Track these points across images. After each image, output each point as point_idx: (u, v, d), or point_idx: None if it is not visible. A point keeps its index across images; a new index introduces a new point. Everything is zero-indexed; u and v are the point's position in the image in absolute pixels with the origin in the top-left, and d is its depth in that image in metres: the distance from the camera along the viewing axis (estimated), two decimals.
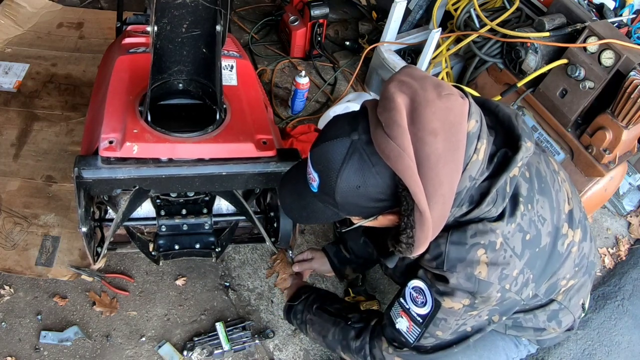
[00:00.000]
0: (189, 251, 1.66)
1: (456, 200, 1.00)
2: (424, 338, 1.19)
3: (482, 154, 1.00)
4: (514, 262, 1.07)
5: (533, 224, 1.09)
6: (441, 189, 0.94)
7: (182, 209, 1.65)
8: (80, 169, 1.35)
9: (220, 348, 1.78)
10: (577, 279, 1.28)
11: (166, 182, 1.42)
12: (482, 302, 1.10)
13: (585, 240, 1.26)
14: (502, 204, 1.05)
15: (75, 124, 2.29)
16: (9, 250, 1.90)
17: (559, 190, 1.17)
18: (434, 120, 0.92)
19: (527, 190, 1.09)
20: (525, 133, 1.07)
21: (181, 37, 1.41)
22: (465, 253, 1.05)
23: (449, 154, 0.93)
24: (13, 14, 2.70)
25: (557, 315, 1.32)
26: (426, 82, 0.97)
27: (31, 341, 1.75)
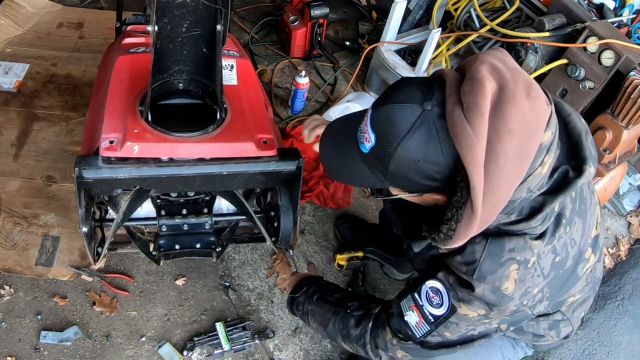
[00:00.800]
0: (190, 251, 1.66)
1: (507, 207, 0.96)
2: (431, 336, 1.17)
3: (546, 168, 0.95)
4: (539, 281, 1.05)
5: (565, 246, 1.07)
6: (499, 192, 0.90)
7: (182, 208, 1.65)
8: (80, 169, 1.35)
9: (220, 348, 1.78)
10: (583, 294, 1.28)
11: (167, 181, 1.42)
12: (497, 314, 1.08)
13: (599, 261, 1.26)
14: (548, 222, 1.03)
15: (75, 124, 2.29)
16: (9, 250, 1.89)
17: (592, 214, 1.15)
18: (515, 120, 0.87)
19: (570, 211, 1.07)
20: (591, 156, 1.02)
21: (181, 37, 1.41)
22: (499, 266, 1.02)
23: (518, 158, 0.89)
24: (13, 14, 2.70)
25: (557, 325, 1.31)
26: (519, 75, 0.91)
27: (31, 341, 1.75)
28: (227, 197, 1.64)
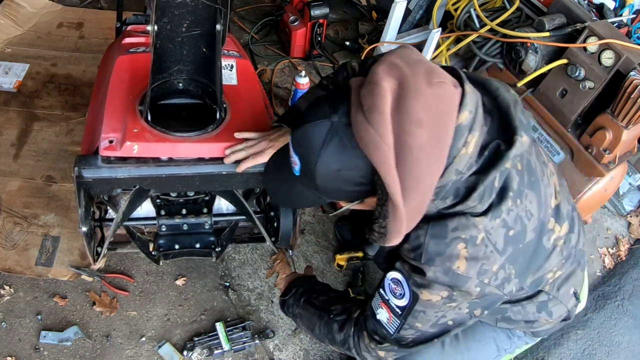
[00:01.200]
0: (189, 251, 1.66)
1: (440, 193, 0.98)
2: (403, 330, 1.17)
3: (471, 148, 0.95)
4: (495, 257, 1.03)
5: (519, 219, 1.05)
6: (420, 183, 0.91)
7: (182, 208, 1.65)
8: (80, 168, 1.36)
9: (220, 348, 1.78)
10: (564, 269, 1.25)
11: (166, 181, 1.42)
12: (460, 295, 1.07)
13: (573, 232, 1.23)
14: (489, 199, 1.01)
15: (75, 124, 2.29)
16: (9, 250, 1.89)
17: (547, 185, 1.13)
18: (420, 110, 0.88)
19: (517, 184, 1.04)
20: (522, 125, 1.01)
21: (181, 37, 1.41)
22: (445, 247, 1.02)
23: (433, 146, 0.89)
24: (13, 14, 2.70)
25: (546, 306, 1.28)
26: (418, 67, 0.92)
27: (31, 341, 1.75)
28: (226, 197, 1.64)
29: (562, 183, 1.24)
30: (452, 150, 0.93)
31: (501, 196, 1.02)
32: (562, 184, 1.25)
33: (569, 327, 2.02)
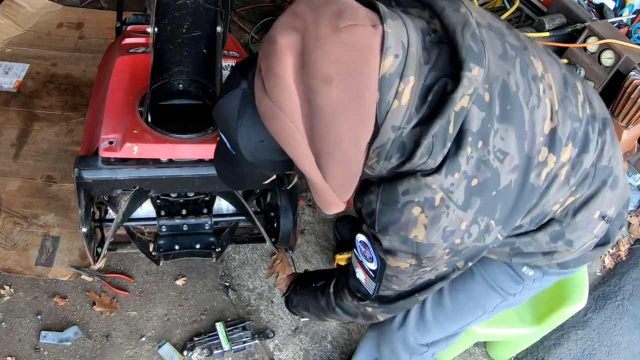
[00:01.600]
0: (189, 251, 1.66)
1: (381, 153, 0.84)
2: (381, 290, 1.07)
3: (406, 98, 0.80)
4: (460, 215, 0.88)
5: (484, 165, 0.87)
6: (341, 146, 0.79)
7: (182, 209, 1.65)
8: (80, 169, 1.36)
9: (220, 348, 1.78)
10: (578, 195, 1.04)
11: (167, 182, 1.42)
12: (430, 261, 0.94)
13: (586, 152, 1.00)
14: (442, 151, 0.84)
15: (75, 124, 2.29)
16: (9, 250, 1.90)
17: (535, 107, 0.92)
18: (327, 64, 0.74)
19: (480, 122, 0.85)
20: (471, 54, 0.81)
21: (181, 38, 1.41)
22: (399, 214, 0.87)
23: (349, 103, 0.76)
24: (13, 14, 2.70)
25: (562, 235, 1.08)
26: (324, 10, 0.77)
27: (31, 341, 1.75)
28: (227, 198, 1.64)
29: (570, 90, 1.00)
30: (382, 104, 0.80)
31: (458, 143, 0.84)
32: (572, 90, 1.00)
33: (569, 327, 2.02)
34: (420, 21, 0.85)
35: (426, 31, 0.84)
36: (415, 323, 1.32)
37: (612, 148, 1.06)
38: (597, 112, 1.05)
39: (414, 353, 1.37)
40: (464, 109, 0.82)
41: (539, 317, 1.69)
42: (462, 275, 1.21)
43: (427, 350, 1.36)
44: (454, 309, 1.28)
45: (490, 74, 0.86)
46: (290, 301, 1.50)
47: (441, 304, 1.29)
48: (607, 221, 1.11)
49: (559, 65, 1.01)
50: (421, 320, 1.31)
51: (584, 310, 1.90)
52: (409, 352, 1.37)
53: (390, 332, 1.36)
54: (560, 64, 1.03)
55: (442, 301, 1.28)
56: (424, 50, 0.83)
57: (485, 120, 0.86)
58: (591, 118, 1.02)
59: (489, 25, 0.91)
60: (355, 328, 1.92)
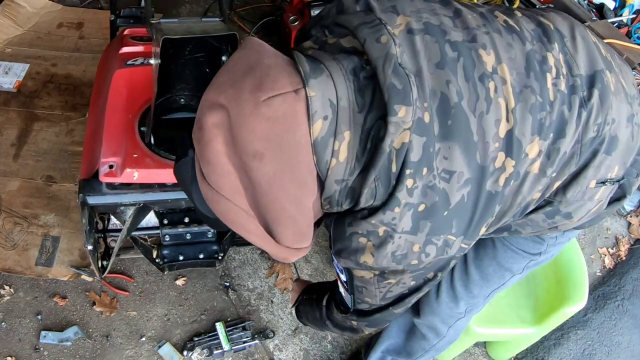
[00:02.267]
0: (194, 262, 1.66)
1: (331, 202, 0.86)
2: (357, 303, 1.07)
3: (344, 154, 0.80)
4: (410, 239, 0.86)
5: (431, 190, 0.83)
6: (285, 212, 0.81)
7: (184, 217, 1.64)
8: (85, 195, 1.34)
9: (220, 348, 1.78)
10: (565, 176, 0.95)
11: (172, 203, 1.42)
12: (392, 275, 0.93)
13: (563, 137, 0.90)
14: (387, 190, 0.82)
15: (75, 124, 2.29)
16: (9, 250, 1.89)
17: (484, 113, 0.84)
18: (254, 141, 0.75)
19: (421, 149, 0.80)
20: (394, 94, 0.77)
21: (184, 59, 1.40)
22: (348, 242, 0.88)
23: (283, 173, 0.77)
24: (13, 14, 2.70)
25: (557, 211, 1.01)
26: (243, 84, 0.77)
27: (31, 341, 1.75)
28: None
29: (532, 81, 0.88)
30: (320, 164, 0.79)
31: (397, 179, 0.82)
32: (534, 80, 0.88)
33: (569, 327, 2.02)
34: (351, 60, 0.81)
35: (359, 68, 0.81)
36: (447, 295, 1.33)
37: (602, 112, 0.93)
38: (582, 74, 0.92)
39: (452, 322, 1.39)
40: (405, 144, 0.79)
41: (539, 317, 1.69)
42: (483, 243, 1.23)
43: (463, 317, 1.37)
44: (482, 277, 1.28)
45: (427, 89, 0.81)
46: (297, 311, 1.50)
47: (467, 274, 1.28)
48: (610, 183, 1.01)
49: (522, 41, 0.90)
50: (452, 291, 1.32)
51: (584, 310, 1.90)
52: (447, 324, 1.39)
53: (428, 307, 1.37)
54: (526, 35, 0.91)
55: (468, 271, 1.28)
56: (357, 94, 0.80)
57: (427, 145, 0.81)
58: (569, 91, 0.91)
59: (426, 27, 0.84)
60: None
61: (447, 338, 1.44)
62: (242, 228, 0.83)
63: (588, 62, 0.94)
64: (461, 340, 1.51)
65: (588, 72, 0.93)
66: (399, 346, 1.56)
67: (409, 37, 0.82)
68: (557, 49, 0.92)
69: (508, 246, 1.22)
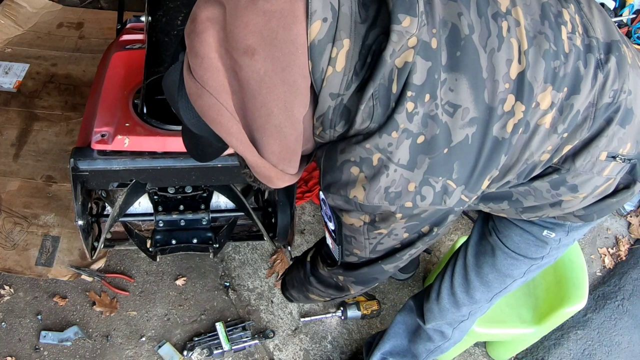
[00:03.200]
0: (186, 246, 1.66)
1: (324, 122, 0.81)
2: (345, 256, 1.02)
3: (341, 63, 0.76)
4: (405, 175, 0.81)
5: (432, 120, 0.79)
6: (272, 119, 0.76)
7: (179, 204, 1.65)
8: (76, 160, 1.36)
9: (220, 348, 1.78)
10: (576, 140, 0.91)
11: (162, 174, 1.42)
12: (383, 221, 0.87)
13: (577, 93, 0.87)
14: (386, 112, 0.78)
15: (75, 124, 2.29)
16: (9, 250, 1.90)
17: (495, 50, 0.81)
18: (247, 35, 0.71)
19: (425, 74, 0.78)
20: (399, 4, 0.75)
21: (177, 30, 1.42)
22: (339, 172, 0.83)
23: (275, 74, 0.73)
24: (13, 14, 2.70)
25: (563, 182, 0.96)
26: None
27: (31, 341, 1.75)
28: (224, 193, 1.65)
29: (547, 29, 0.85)
30: (316, 73, 0.75)
31: (397, 101, 0.78)
32: (548, 29, 0.85)
33: (569, 327, 2.01)
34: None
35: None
36: (449, 301, 1.33)
37: (619, 79, 0.90)
38: (598, 37, 0.90)
39: (456, 324, 1.40)
40: (408, 64, 0.76)
41: (539, 317, 1.69)
42: (482, 251, 1.23)
43: (467, 319, 1.38)
44: (482, 283, 1.27)
45: (437, 17, 0.79)
46: (282, 285, 1.47)
47: (468, 280, 1.29)
48: (621, 160, 0.96)
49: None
50: (453, 297, 1.32)
51: (584, 310, 1.91)
52: (452, 326, 1.40)
53: (431, 313, 1.38)
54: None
55: (469, 278, 1.28)
56: (360, 7, 0.77)
57: (432, 71, 0.78)
58: (585, 49, 0.87)
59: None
60: (355, 328, 1.92)
61: (452, 340, 1.45)
62: (223, 129, 0.77)
63: (605, 30, 0.92)
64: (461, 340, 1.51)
65: (605, 39, 0.91)
66: (404, 348, 1.56)
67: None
68: (572, 9, 0.90)
69: (508, 253, 1.21)
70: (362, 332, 1.91)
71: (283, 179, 0.87)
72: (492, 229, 1.22)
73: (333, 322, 1.92)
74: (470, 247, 1.29)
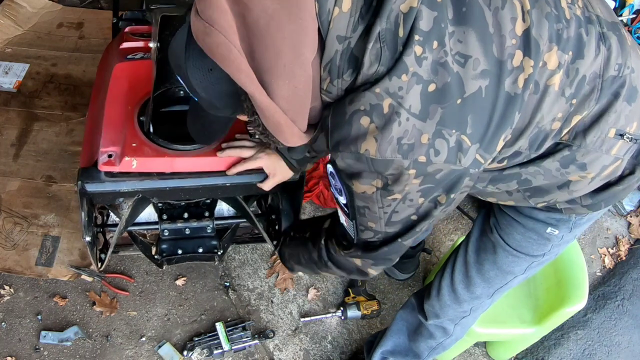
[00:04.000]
0: (192, 256, 1.66)
1: (331, 70, 0.81)
2: (360, 232, 1.00)
3: (347, 4, 0.77)
4: (417, 125, 0.79)
5: (442, 67, 0.78)
6: (281, 59, 0.76)
7: (184, 212, 1.64)
8: (83, 182, 1.35)
9: (220, 348, 1.78)
10: (585, 111, 0.91)
11: (170, 193, 1.42)
12: (396, 183, 0.85)
13: (581, 58, 0.88)
14: (394, 56, 0.78)
15: (75, 124, 2.29)
16: (9, 250, 1.90)
17: (499, 8, 0.82)
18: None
19: (432, 21, 0.78)
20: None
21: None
22: (348, 126, 0.81)
23: (284, 13, 0.74)
24: (13, 14, 2.70)
25: (573, 159, 0.95)
26: None
27: (31, 341, 1.75)
28: (228, 202, 1.64)
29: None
30: (322, 14, 0.76)
31: (405, 44, 0.78)
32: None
33: (569, 327, 2.02)
34: None
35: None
36: (449, 297, 1.33)
37: (622, 55, 0.92)
38: (599, 15, 0.92)
39: (457, 320, 1.40)
40: (413, 9, 0.78)
41: (539, 317, 1.69)
42: (483, 247, 1.23)
43: (468, 315, 1.38)
44: (483, 280, 1.28)
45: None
46: (282, 254, 1.45)
47: (468, 277, 1.29)
48: (628, 139, 0.97)
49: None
50: (454, 293, 1.33)
51: (584, 310, 1.91)
52: (453, 322, 1.40)
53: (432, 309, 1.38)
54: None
55: (469, 274, 1.29)
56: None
57: (439, 20, 0.79)
58: (586, 20, 0.90)
59: None
60: (355, 328, 1.92)
61: (454, 336, 1.45)
62: (233, 65, 0.77)
63: (605, 11, 0.94)
64: (461, 340, 1.51)
65: (607, 18, 0.92)
66: (405, 347, 1.56)
67: None
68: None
69: (509, 251, 1.21)
70: (362, 332, 1.91)
71: (292, 131, 0.85)
72: (494, 226, 1.22)
73: (333, 322, 1.92)
74: (470, 244, 1.29)
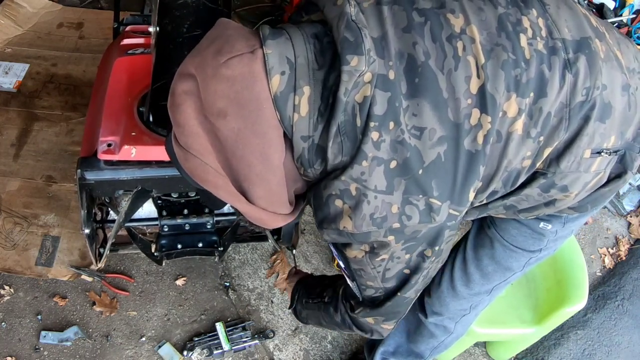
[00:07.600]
0: (192, 250, 1.66)
1: (303, 163, 0.88)
2: (363, 290, 1.05)
3: (305, 109, 0.83)
4: (386, 200, 0.85)
5: (401, 145, 0.83)
6: (253, 169, 0.84)
7: (183, 208, 1.65)
8: (82, 171, 1.36)
9: (220, 348, 1.78)
10: (555, 142, 0.92)
11: (169, 182, 1.42)
12: (381, 247, 0.92)
13: (544, 96, 0.89)
14: (355, 144, 0.84)
15: (75, 124, 2.29)
16: (9, 250, 1.89)
17: (453, 70, 0.85)
18: (217, 100, 0.80)
19: (386, 103, 0.83)
20: (346, 46, 0.81)
21: (182, 37, 1.41)
22: (326, 207, 0.89)
23: (247, 130, 0.81)
24: (13, 14, 2.70)
25: (552, 184, 0.97)
26: (207, 52, 0.83)
27: (31, 341, 1.75)
28: None
29: (504, 40, 0.88)
30: (284, 120, 0.83)
31: (363, 132, 0.83)
32: (506, 40, 0.88)
33: (569, 327, 2.02)
34: (314, 27, 0.87)
35: (322, 34, 0.86)
36: (449, 294, 1.34)
37: (591, 76, 0.91)
38: (565, 38, 0.91)
39: (458, 318, 1.40)
40: (367, 98, 0.82)
41: (539, 317, 1.69)
42: (481, 243, 1.25)
43: (469, 312, 1.38)
44: (482, 276, 1.28)
45: (393, 51, 0.84)
46: (298, 313, 1.47)
47: (467, 273, 1.30)
48: (607, 154, 0.96)
49: (494, 5, 0.90)
50: (453, 290, 1.33)
51: (584, 310, 1.91)
52: (454, 320, 1.40)
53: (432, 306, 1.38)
54: (499, 1, 0.90)
55: (468, 270, 1.29)
56: (318, 55, 0.84)
57: (392, 99, 0.83)
58: (549, 52, 0.89)
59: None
60: None
61: (455, 334, 1.45)
62: (211, 184, 0.87)
63: (575, 28, 0.93)
64: (461, 340, 1.51)
65: (575, 38, 0.92)
66: (406, 347, 1.55)
67: (377, 7, 0.87)
68: (535, 14, 0.92)
69: (507, 246, 1.22)
70: None
71: (276, 219, 0.94)
72: (490, 222, 1.23)
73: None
74: (469, 240, 1.30)
